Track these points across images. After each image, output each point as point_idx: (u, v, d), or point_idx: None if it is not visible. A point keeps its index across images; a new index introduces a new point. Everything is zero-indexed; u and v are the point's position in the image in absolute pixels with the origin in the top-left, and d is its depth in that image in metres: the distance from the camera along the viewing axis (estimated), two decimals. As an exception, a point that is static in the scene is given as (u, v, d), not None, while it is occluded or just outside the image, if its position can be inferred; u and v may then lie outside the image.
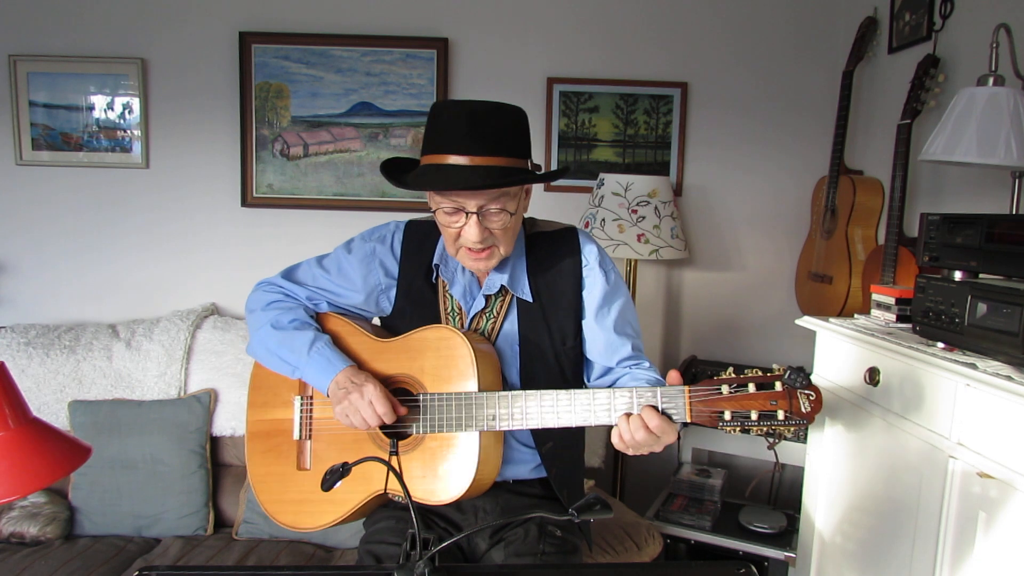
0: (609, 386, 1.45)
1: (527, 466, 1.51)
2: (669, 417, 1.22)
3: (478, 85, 2.69)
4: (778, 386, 1.17)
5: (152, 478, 2.20)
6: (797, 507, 2.19)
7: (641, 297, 2.76)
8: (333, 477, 1.12)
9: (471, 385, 1.36)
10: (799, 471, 2.32)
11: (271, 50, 2.65)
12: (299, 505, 1.49)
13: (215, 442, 2.36)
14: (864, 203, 2.35)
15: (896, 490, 1.60)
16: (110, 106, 2.65)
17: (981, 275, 1.48)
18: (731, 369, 1.22)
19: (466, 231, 1.33)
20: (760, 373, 1.19)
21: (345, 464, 1.12)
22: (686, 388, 1.22)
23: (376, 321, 1.61)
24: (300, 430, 1.51)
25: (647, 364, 1.48)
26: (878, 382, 1.67)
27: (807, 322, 1.97)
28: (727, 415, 1.19)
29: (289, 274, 1.55)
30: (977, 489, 1.34)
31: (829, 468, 1.90)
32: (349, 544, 2.12)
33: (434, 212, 1.37)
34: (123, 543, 2.14)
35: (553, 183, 2.73)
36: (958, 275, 1.49)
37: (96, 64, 2.62)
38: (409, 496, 1.06)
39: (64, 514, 2.16)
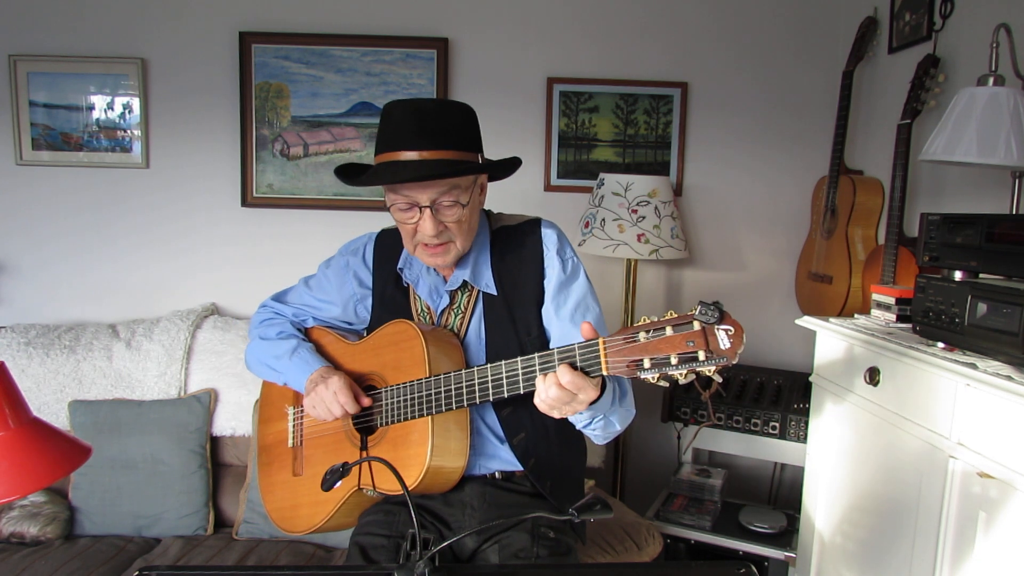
0: None
1: (506, 460, 1.51)
2: (587, 373, 1.17)
3: (478, 85, 2.70)
4: (696, 325, 1.07)
5: (152, 478, 2.20)
6: (797, 507, 2.19)
7: (641, 297, 2.76)
8: (333, 477, 1.13)
9: (421, 370, 1.39)
10: (799, 471, 2.32)
11: (271, 50, 2.65)
12: (298, 510, 1.56)
13: (215, 442, 2.36)
14: (864, 203, 2.35)
15: (896, 490, 1.60)
16: (110, 106, 2.65)
17: (981, 275, 1.48)
18: (653, 317, 1.14)
19: (421, 226, 1.37)
20: (676, 315, 1.10)
21: (345, 464, 1.14)
22: (600, 340, 1.15)
23: (364, 333, 1.67)
24: (293, 437, 1.60)
25: None
26: (878, 382, 1.67)
27: (807, 322, 1.97)
28: (646, 363, 1.10)
29: (280, 296, 1.69)
30: (977, 489, 1.34)
31: (829, 468, 1.90)
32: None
33: (390, 210, 1.40)
34: (123, 543, 2.14)
35: (553, 183, 2.74)
36: (958, 275, 1.49)
37: (96, 64, 2.62)
38: (408, 495, 1.06)
39: (64, 514, 2.16)
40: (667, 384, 1.12)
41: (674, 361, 1.08)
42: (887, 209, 2.20)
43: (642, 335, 1.11)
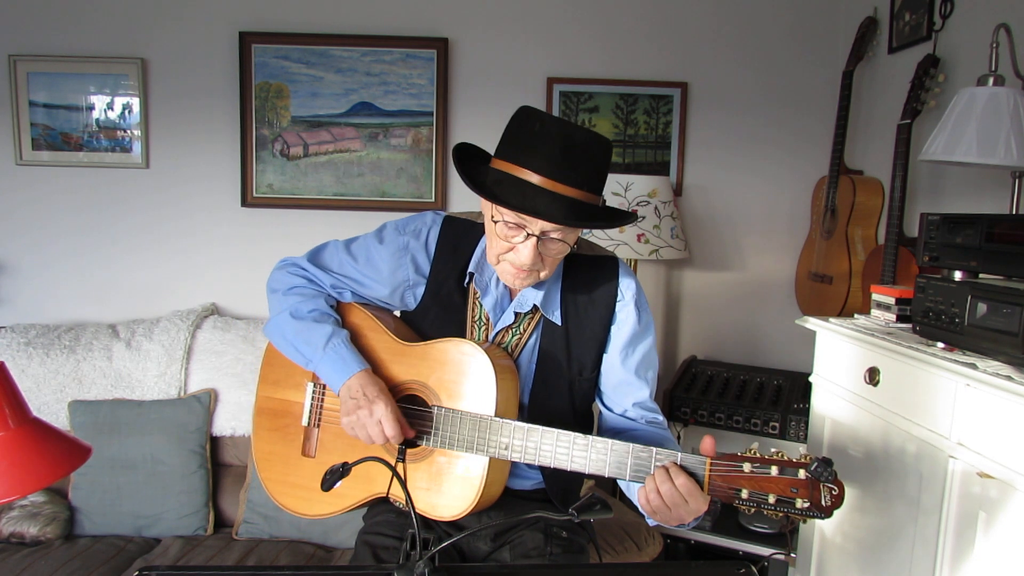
0: (621, 430, 1.44)
1: (529, 481, 1.50)
2: (699, 483, 1.17)
3: (478, 85, 2.70)
4: (801, 474, 1.11)
5: (152, 478, 2.20)
6: (797, 507, 2.19)
7: (641, 297, 2.76)
8: (333, 477, 1.12)
9: (488, 407, 1.32)
10: (799, 471, 2.32)
11: (271, 50, 2.65)
12: (299, 490, 1.48)
13: (215, 442, 2.36)
14: (864, 203, 2.35)
15: (896, 490, 1.60)
16: (110, 106, 2.65)
17: (981, 275, 1.48)
18: (756, 446, 1.17)
19: (520, 249, 1.28)
20: (786, 458, 1.14)
21: (345, 464, 1.12)
22: (707, 460, 1.17)
23: (397, 314, 1.57)
24: (309, 417, 1.49)
25: (661, 419, 1.46)
26: (878, 382, 1.67)
27: (807, 322, 1.97)
28: (744, 493, 1.14)
29: (315, 257, 1.50)
30: (977, 489, 1.34)
31: (829, 468, 1.90)
32: (349, 544, 2.12)
33: (494, 222, 1.29)
34: (123, 543, 2.14)
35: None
36: (958, 275, 1.49)
37: (96, 64, 2.62)
38: (411, 501, 1.06)
39: (64, 514, 2.16)
40: (751, 512, 1.15)
41: (772, 501, 1.12)
42: (887, 209, 2.20)
43: (747, 466, 1.14)
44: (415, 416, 1.40)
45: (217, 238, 2.73)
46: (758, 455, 1.15)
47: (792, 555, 2.19)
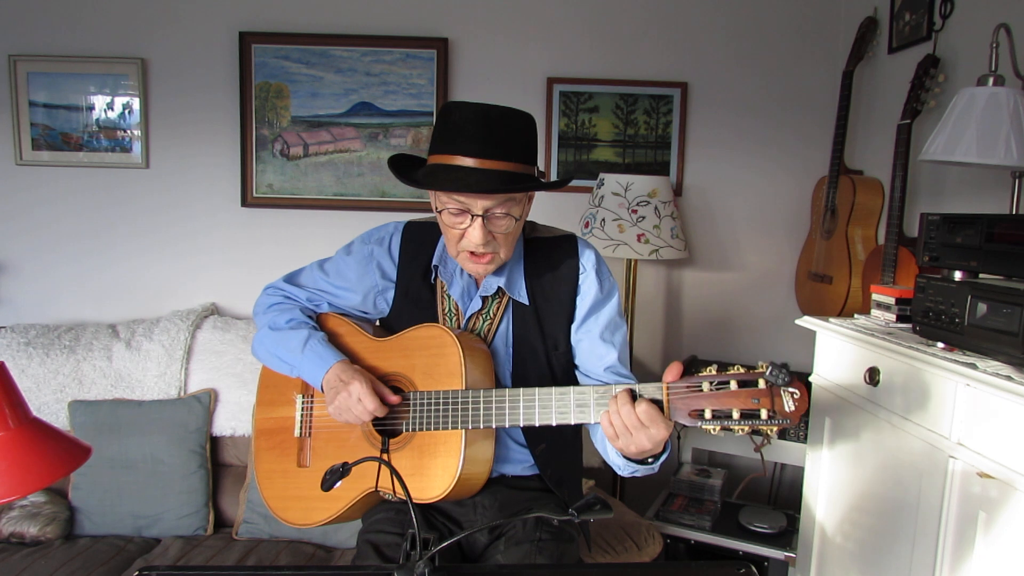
0: None
1: (522, 465, 1.52)
2: (660, 408, 1.18)
3: (478, 85, 2.69)
4: (761, 384, 1.11)
5: (152, 478, 2.20)
6: (797, 507, 2.19)
7: (641, 297, 2.76)
8: (333, 477, 1.12)
9: (458, 383, 1.37)
10: (799, 471, 2.32)
11: (271, 50, 2.65)
12: (297, 502, 1.52)
13: (215, 442, 2.36)
14: (864, 203, 2.35)
15: (896, 490, 1.60)
16: (110, 106, 2.65)
17: (981, 275, 1.48)
18: (714, 366, 1.16)
19: (470, 233, 1.33)
20: (743, 370, 1.14)
21: (345, 464, 1.13)
22: (664, 385, 1.18)
23: (377, 323, 1.63)
24: (300, 427, 1.54)
25: (635, 381, 1.48)
26: (878, 382, 1.67)
27: (807, 322, 1.97)
28: (707, 413, 1.13)
29: (291, 278, 1.59)
30: (977, 489, 1.34)
31: (829, 468, 1.90)
32: (349, 544, 2.12)
33: (439, 212, 1.37)
34: (123, 543, 2.14)
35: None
36: (958, 275, 1.49)
37: (96, 64, 2.62)
38: (408, 495, 1.06)
39: (64, 514, 2.16)
40: (721, 434, 1.14)
41: (736, 416, 1.11)
42: (887, 209, 2.20)
43: (705, 385, 1.14)
44: (392, 406, 1.44)
45: (217, 238, 2.73)
46: (714, 372, 1.15)
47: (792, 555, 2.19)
